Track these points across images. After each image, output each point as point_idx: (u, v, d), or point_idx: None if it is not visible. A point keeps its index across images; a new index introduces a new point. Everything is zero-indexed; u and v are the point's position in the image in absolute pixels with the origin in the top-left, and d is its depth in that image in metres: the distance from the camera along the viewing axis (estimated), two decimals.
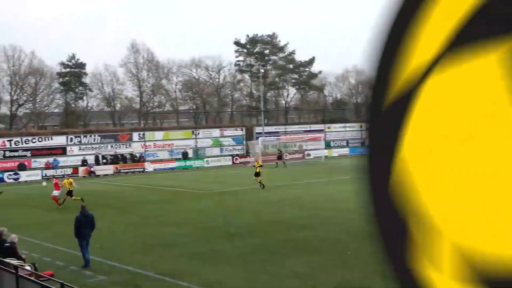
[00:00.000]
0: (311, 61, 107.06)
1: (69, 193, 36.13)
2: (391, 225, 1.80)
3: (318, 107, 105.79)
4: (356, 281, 16.92)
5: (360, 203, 1.89)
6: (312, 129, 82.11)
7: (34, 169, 60.29)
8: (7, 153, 60.68)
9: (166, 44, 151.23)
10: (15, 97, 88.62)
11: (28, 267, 17.29)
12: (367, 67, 1.80)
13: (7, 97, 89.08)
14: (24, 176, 57.70)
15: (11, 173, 57.59)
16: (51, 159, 60.68)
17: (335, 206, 31.83)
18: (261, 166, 44.00)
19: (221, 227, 26.57)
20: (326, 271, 17.97)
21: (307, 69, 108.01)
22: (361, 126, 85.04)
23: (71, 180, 37.85)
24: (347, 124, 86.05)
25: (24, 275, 15.54)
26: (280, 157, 66.76)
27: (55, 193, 35.76)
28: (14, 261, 17.00)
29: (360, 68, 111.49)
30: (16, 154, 61.05)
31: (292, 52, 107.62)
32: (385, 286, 2.12)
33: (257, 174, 42.87)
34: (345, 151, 78.94)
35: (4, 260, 16.98)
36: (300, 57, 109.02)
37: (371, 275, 17.38)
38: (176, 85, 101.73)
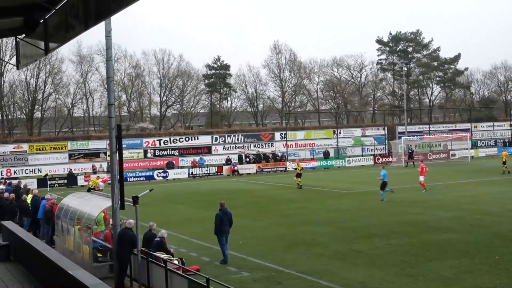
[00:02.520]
0: (456, 58, 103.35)
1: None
2: None
3: (464, 106, 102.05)
4: (504, 287, 16.18)
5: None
6: (457, 128, 79.42)
7: (182, 167, 62.84)
8: (157, 152, 63.82)
9: (308, 44, 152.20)
10: (164, 99, 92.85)
11: (176, 261, 18.05)
12: None
13: (157, 99, 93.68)
14: (172, 174, 60.23)
15: (160, 171, 60.36)
16: (197, 158, 62.99)
17: (481, 208, 30.57)
18: (302, 168, 46.31)
19: (362, 227, 26.36)
20: (472, 276, 17.32)
21: (452, 66, 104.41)
22: (511, 125, 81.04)
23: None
24: (495, 123, 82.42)
25: (173, 269, 16.27)
26: (411, 156, 65.30)
27: None
28: (163, 255, 17.80)
29: (510, 63, 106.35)
30: (165, 153, 64.10)
31: (437, 49, 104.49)
32: None
33: (299, 175, 44.61)
34: (493, 151, 75.46)
35: (154, 253, 17.83)
36: (445, 54, 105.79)
37: None
38: (317, 84, 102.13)
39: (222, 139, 67.13)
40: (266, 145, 68.75)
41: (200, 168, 61.59)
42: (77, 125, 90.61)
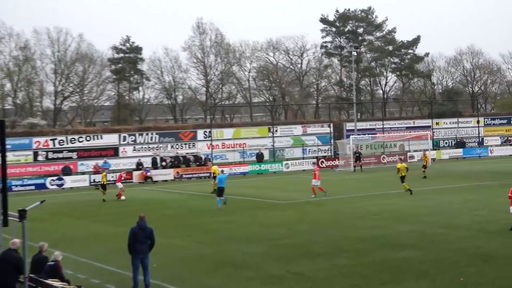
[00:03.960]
0: (415, 41, 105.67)
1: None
2: None
3: (424, 98, 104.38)
4: None
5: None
6: (416, 125, 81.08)
7: (81, 173, 61.90)
8: (50, 155, 62.53)
9: (238, 24, 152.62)
10: (59, 88, 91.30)
11: None
12: None
13: (50, 88, 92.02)
14: (69, 181, 59.31)
15: (54, 178, 59.33)
16: (100, 162, 62.11)
17: (444, 220, 31.25)
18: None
19: (303, 244, 26.53)
20: None
21: (410, 51, 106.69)
22: (478, 122, 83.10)
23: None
24: (461, 119, 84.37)
25: None
26: (358, 159, 66.45)
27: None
28: (58, 283, 17.46)
29: (478, 49, 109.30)
30: (60, 155, 62.90)
31: (392, 31, 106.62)
32: None
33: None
34: (458, 152, 77.44)
35: (46, 281, 17.46)
36: (402, 36, 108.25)
37: None
38: (249, 72, 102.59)
39: (131, 138, 66.49)
40: (187, 145, 68.54)
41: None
42: None
